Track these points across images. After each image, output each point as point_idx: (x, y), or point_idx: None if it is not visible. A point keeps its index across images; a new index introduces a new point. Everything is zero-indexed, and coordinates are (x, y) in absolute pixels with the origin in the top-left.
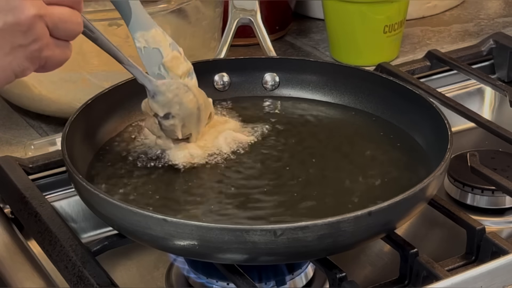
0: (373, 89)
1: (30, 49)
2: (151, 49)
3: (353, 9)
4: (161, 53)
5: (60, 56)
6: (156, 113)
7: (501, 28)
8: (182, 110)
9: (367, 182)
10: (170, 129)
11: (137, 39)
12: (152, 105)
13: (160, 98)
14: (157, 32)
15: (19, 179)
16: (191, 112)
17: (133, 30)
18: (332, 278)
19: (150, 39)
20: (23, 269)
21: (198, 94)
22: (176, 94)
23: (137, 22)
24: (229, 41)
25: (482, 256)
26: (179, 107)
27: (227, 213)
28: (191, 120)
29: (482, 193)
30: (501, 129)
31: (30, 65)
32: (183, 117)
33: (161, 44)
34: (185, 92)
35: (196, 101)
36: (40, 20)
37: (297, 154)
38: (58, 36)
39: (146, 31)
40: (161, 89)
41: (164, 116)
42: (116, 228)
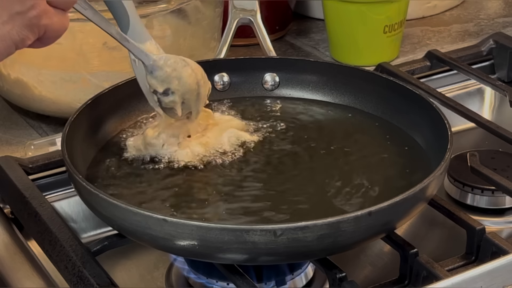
0: (373, 89)
1: (28, 16)
2: None
3: (353, 9)
4: None
5: (59, 25)
6: (156, 90)
7: (501, 28)
8: (181, 85)
9: (367, 182)
10: (170, 106)
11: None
12: (150, 81)
13: (158, 73)
14: (151, 45)
15: (19, 179)
16: (191, 87)
17: None
18: (332, 278)
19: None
20: (23, 269)
21: (196, 69)
22: (175, 69)
23: (133, 34)
24: (229, 41)
25: (482, 256)
26: (178, 82)
27: (230, 212)
28: (191, 96)
29: (482, 193)
30: (501, 129)
31: (29, 33)
32: (182, 92)
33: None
34: (184, 66)
35: (195, 76)
36: None
37: (297, 154)
38: (55, 4)
39: (142, 43)
40: (159, 64)
41: (164, 92)
42: (116, 228)
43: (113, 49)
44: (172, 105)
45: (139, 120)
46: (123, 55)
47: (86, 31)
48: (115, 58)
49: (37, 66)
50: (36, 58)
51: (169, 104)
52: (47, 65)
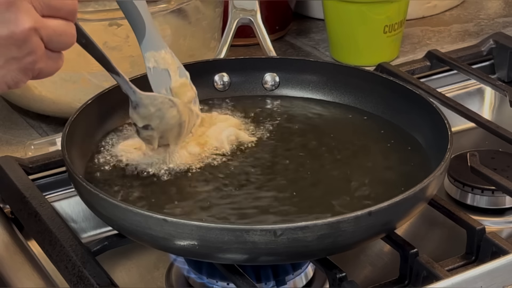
0: (373, 89)
1: (24, 62)
2: (160, 70)
3: (353, 9)
4: (169, 75)
5: (53, 67)
6: (135, 123)
7: (501, 28)
8: (162, 125)
9: (367, 182)
10: (147, 139)
11: (147, 59)
12: (132, 115)
13: (141, 110)
14: (167, 54)
15: (19, 179)
16: (172, 128)
17: (145, 49)
18: (332, 278)
19: (160, 60)
20: (23, 269)
21: (183, 110)
22: (159, 109)
23: (149, 42)
24: (229, 41)
25: (482, 256)
26: (159, 121)
27: (229, 212)
28: (171, 134)
29: (482, 193)
30: (501, 129)
31: (23, 77)
32: (162, 130)
33: (170, 67)
34: (169, 108)
35: (179, 117)
36: (35, 33)
37: (297, 154)
38: (52, 48)
39: (157, 51)
40: (144, 102)
41: (143, 127)
42: (116, 228)
43: (113, 49)
44: (149, 139)
45: None
46: (123, 55)
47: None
48: (115, 58)
49: None
50: None
51: (146, 137)
52: None
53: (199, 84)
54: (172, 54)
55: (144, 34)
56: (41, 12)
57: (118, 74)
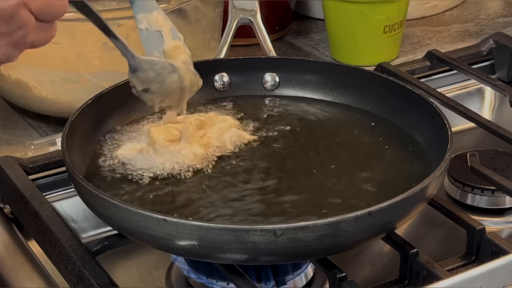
0: (373, 89)
1: (14, 36)
2: (153, 32)
3: (353, 9)
4: (162, 36)
5: (45, 38)
6: (134, 86)
7: (501, 28)
8: (162, 89)
9: (367, 181)
10: (147, 102)
11: (140, 21)
12: (131, 79)
13: (140, 75)
14: (159, 15)
15: (19, 179)
16: (172, 92)
17: (136, 11)
18: (332, 278)
19: (152, 21)
20: (23, 269)
21: (185, 75)
22: (159, 74)
23: (141, 4)
24: (229, 41)
25: (482, 256)
26: (159, 86)
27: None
28: (171, 98)
29: (482, 193)
30: (501, 129)
31: (15, 51)
32: (162, 94)
33: (163, 28)
34: (170, 72)
35: (181, 82)
36: (24, 6)
37: (298, 154)
38: (43, 19)
39: (149, 13)
40: (143, 66)
41: (143, 90)
42: (116, 228)
43: (113, 49)
44: (150, 103)
45: (139, 120)
46: None
47: (86, 31)
48: (115, 58)
49: (37, 66)
50: (36, 58)
51: (147, 100)
52: (47, 65)
53: None
54: (164, 16)
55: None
56: None
57: (116, 38)
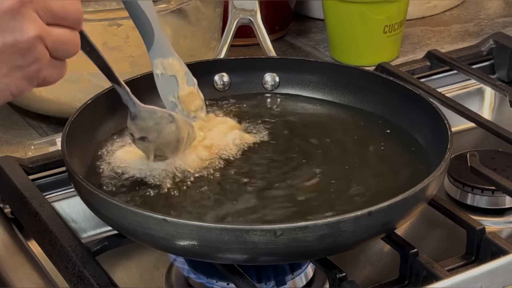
0: (373, 89)
1: (28, 70)
2: (168, 77)
3: (353, 9)
4: (177, 81)
5: (57, 75)
6: (132, 133)
7: (501, 28)
8: (160, 139)
9: (367, 181)
10: (143, 150)
11: (156, 66)
12: (130, 126)
13: (139, 123)
14: (175, 60)
15: (19, 179)
16: (169, 143)
17: (153, 56)
18: (332, 278)
19: (168, 66)
20: (23, 269)
21: (182, 127)
22: (158, 123)
23: (158, 49)
24: (229, 41)
25: (482, 256)
26: (157, 135)
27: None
28: (167, 148)
29: (482, 193)
30: (501, 129)
31: (28, 86)
32: (159, 144)
33: (178, 73)
34: (168, 123)
35: (178, 133)
36: (40, 41)
37: (298, 154)
38: (56, 56)
39: (165, 58)
40: (143, 115)
41: (140, 138)
42: (116, 228)
43: (113, 49)
44: (145, 151)
45: None
46: (123, 55)
47: (86, 31)
48: (115, 58)
49: None
50: None
51: (143, 149)
52: None
53: (199, 84)
54: (180, 61)
55: (152, 41)
56: (46, 21)
57: (119, 84)
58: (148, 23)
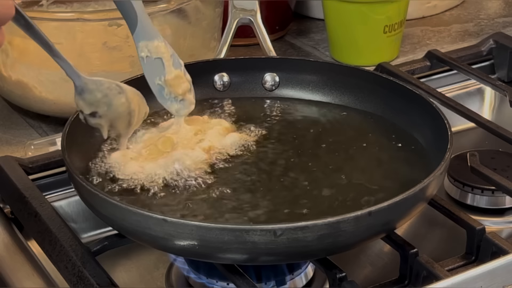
0: (373, 89)
1: None
2: (153, 59)
3: (353, 9)
4: (163, 63)
5: None
6: (81, 110)
7: (501, 28)
8: (110, 112)
9: (367, 181)
10: (96, 127)
11: (141, 48)
12: (77, 102)
13: (87, 96)
14: (160, 42)
15: (19, 179)
16: (120, 116)
17: (137, 39)
18: (332, 278)
19: (153, 49)
20: (23, 269)
21: (132, 98)
22: (106, 95)
23: (142, 32)
24: (229, 41)
25: (482, 256)
26: (107, 108)
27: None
28: (120, 123)
29: (482, 193)
30: (501, 129)
31: None
32: (111, 118)
33: (164, 55)
34: (117, 94)
35: (128, 105)
36: None
37: (299, 154)
38: None
39: (150, 41)
40: (90, 87)
41: (90, 114)
42: (116, 228)
43: (113, 49)
44: (98, 127)
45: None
46: (123, 55)
47: (86, 31)
48: (115, 58)
49: (37, 66)
50: (36, 58)
51: (95, 125)
52: (47, 65)
53: (199, 84)
54: (165, 43)
55: (136, 24)
56: None
57: (61, 58)
58: (130, 5)
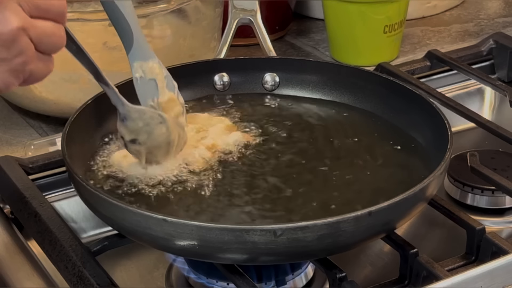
0: (373, 89)
1: (14, 63)
2: (147, 80)
3: (353, 9)
4: (156, 85)
5: (44, 70)
6: (122, 136)
7: (501, 28)
8: (150, 140)
9: (367, 181)
10: (134, 154)
11: (135, 69)
12: (119, 128)
13: (129, 124)
14: (154, 63)
15: (19, 179)
16: (160, 145)
17: (132, 59)
18: (332, 278)
19: (147, 69)
20: (23, 269)
21: (173, 128)
22: (148, 124)
23: (137, 52)
24: (229, 41)
25: (482, 256)
26: (147, 136)
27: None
28: (159, 151)
29: (482, 193)
30: (501, 129)
31: (14, 80)
32: (150, 146)
33: (157, 77)
34: (158, 123)
35: (168, 135)
36: (24, 33)
37: (298, 154)
38: (42, 49)
39: (145, 61)
40: (133, 116)
41: (131, 141)
42: (116, 228)
43: (113, 49)
44: (137, 154)
45: None
46: (123, 55)
47: (86, 31)
48: (115, 58)
49: None
50: None
51: (134, 152)
52: None
53: (199, 84)
54: (160, 64)
55: (131, 44)
56: (29, 13)
57: (107, 85)
58: (127, 25)
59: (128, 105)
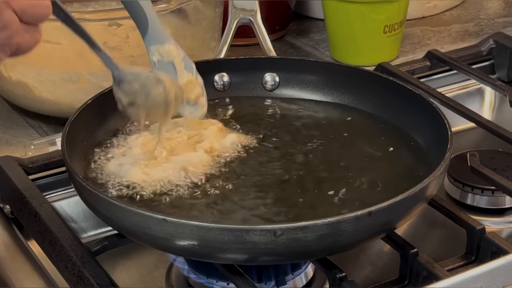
0: (373, 89)
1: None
2: (165, 63)
3: (353, 9)
4: (174, 67)
5: (31, 41)
6: (119, 100)
7: (501, 28)
8: (148, 102)
9: (367, 182)
10: (133, 116)
11: (152, 52)
12: (116, 92)
13: (125, 87)
14: (171, 46)
15: (19, 179)
16: (158, 105)
17: (149, 43)
18: (332, 278)
19: (164, 53)
20: (23, 269)
21: (169, 88)
22: (144, 85)
23: (153, 35)
24: (229, 41)
25: (482, 256)
26: (145, 98)
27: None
28: (157, 111)
29: (482, 193)
30: (501, 129)
31: (1, 54)
32: (148, 107)
33: (175, 59)
34: (155, 84)
35: (166, 94)
36: (7, 6)
37: (298, 154)
38: (27, 21)
39: (161, 45)
40: (128, 78)
41: (129, 104)
42: (116, 228)
43: (113, 49)
44: (135, 117)
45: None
46: (123, 55)
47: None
48: (115, 58)
49: (37, 66)
50: (36, 58)
51: (132, 115)
52: (47, 65)
53: None
54: (176, 46)
55: (146, 28)
56: None
57: (100, 50)
58: (141, 9)
59: (123, 69)
